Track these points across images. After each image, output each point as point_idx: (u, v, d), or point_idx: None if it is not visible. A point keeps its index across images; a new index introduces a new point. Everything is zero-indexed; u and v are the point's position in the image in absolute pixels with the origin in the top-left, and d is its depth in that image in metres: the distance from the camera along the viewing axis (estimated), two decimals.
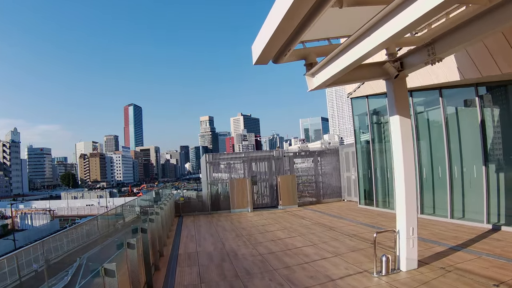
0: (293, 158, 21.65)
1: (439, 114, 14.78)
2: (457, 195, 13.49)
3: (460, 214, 13.45)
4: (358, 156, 18.70)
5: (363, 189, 18.58)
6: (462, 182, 13.37)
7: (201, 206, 20.17)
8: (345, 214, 16.50)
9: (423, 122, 15.05)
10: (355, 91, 17.74)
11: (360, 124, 18.86)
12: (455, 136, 13.57)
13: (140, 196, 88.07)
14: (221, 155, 21.91)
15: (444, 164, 13.59)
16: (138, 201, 16.07)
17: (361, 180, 18.59)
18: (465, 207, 13.40)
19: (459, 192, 13.48)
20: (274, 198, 20.93)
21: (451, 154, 13.57)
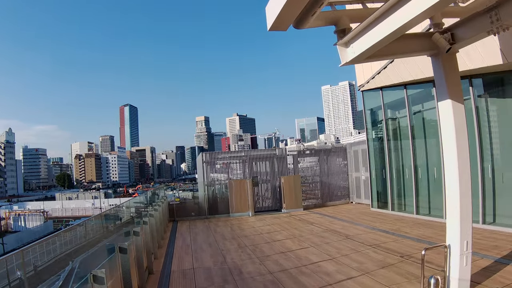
0: (297, 157, 19.92)
1: (469, 107, 13.34)
2: (489, 198, 11.87)
3: (491, 219, 11.82)
4: (371, 154, 16.99)
5: (376, 190, 16.88)
6: (493, 183, 11.78)
7: (197, 210, 18.39)
8: (358, 219, 14.80)
9: None
10: (368, 83, 16.03)
11: (373, 120, 17.15)
12: (486, 132, 11.99)
13: (135, 197, 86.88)
14: (219, 154, 20.13)
15: (475, 163, 11.92)
16: (129, 205, 14.35)
17: (373, 181, 16.89)
18: (496, 211, 11.73)
19: (491, 195, 11.86)
20: (277, 200, 19.20)
21: (483, 152, 11.94)
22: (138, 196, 15.71)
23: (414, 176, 14.44)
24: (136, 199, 18.52)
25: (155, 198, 17.84)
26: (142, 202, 17.09)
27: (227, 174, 19.50)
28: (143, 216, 10.25)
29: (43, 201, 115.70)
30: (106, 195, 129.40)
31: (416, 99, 14.68)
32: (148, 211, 11.42)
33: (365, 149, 18.40)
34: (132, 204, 15.14)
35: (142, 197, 16.66)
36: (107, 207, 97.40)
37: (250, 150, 20.19)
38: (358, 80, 17.02)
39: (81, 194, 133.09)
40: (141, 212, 12.82)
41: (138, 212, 13.80)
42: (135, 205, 15.42)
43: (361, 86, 16.77)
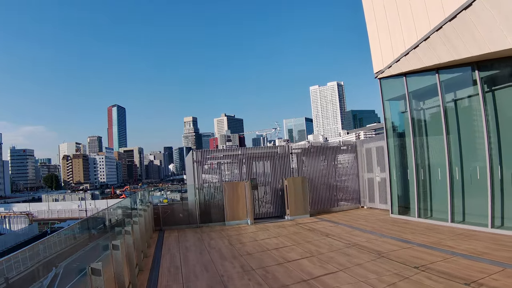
0: (301, 156, 17.38)
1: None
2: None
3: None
4: (390, 152, 14.52)
5: (396, 194, 14.43)
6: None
7: (187, 217, 15.77)
8: (381, 229, 12.34)
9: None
10: (390, 67, 13.59)
11: (393, 112, 14.72)
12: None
13: (122, 198, 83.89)
14: (212, 152, 17.42)
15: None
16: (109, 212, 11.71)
17: (394, 183, 14.44)
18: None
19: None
20: (279, 206, 16.65)
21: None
22: (121, 201, 13.51)
23: (449, 177, 12.03)
24: (122, 203, 15.81)
25: (138, 203, 15.17)
26: (127, 206, 14.40)
27: (221, 175, 16.90)
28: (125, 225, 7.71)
29: (29, 202, 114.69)
30: (93, 197, 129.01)
31: (451, 86, 12.31)
32: (125, 226, 8.82)
33: (381, 147, 16.00)
34: (112, 212, 12.47)
35: (127, 200, 14.14)
36: (93, 209, 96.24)
37: (248, 147, 17.69)
38: (375, 66, 14.58)
39: (68, 196, 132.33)
40: (123, 220, 10.29)
41: (120, 220, 11.21)
42: (115, 213, 12.75)
43: (379, 73, 14.34)
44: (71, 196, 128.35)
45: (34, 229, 70.73)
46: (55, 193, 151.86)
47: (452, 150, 12.06)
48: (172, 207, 16.44)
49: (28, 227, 71.28)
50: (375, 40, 14.54)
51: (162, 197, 48.94)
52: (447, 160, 12.05)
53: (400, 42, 13.06)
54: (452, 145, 12.07)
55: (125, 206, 13.79)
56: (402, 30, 12.98)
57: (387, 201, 15.76)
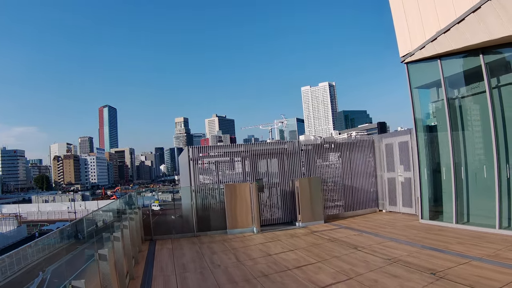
0: (313, 153, 15.27)
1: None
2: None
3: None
4: (420, 148, 12.47)
5: (427, 197, 12.39)
6: None
7: (182, 225, 13.61)
8: (417, 238, 10.32)
9: None
10: (422, 49, 11.55)
11: (423, 102, 12.69)
12: None
13: (113, 199, 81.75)
14: (211, 148, 15.16)
15: None
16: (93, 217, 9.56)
17: (425, 184, 12.38)
18: None
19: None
20: (288, 210, 14.55)
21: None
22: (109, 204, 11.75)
23: (497, 176, 10.02)
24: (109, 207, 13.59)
25: (126, 208, 12.90)
26: (114, 210, 12.19)
27: (218, 176, 14.75)
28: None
29: (19, 204, 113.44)
30: (83, 198, 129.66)
31: (498, 70, 10.32)
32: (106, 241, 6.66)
33: (404, 142, 14.01)
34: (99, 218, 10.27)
35: (116, 204, 12.05)
36: (83, 210, 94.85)
37: (252, 143, 15.69)
38: (402, 49, 12.56)
39: (58, 197, 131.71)
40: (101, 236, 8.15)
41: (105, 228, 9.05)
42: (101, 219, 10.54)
43: (407, 56, 12.32)
44: (61, 197, 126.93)
45: (22, 231, 69.61)
46: (46, 194, 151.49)
47: (500, 145, 10.06)
48: (165, 213, 14.33)
49: (17, 229, 69.98)
50: (401, 18, 12.53)
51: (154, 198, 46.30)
52: (495, 156, 10.04)
53: (434, 18, 11.06)
54: (500, 139, 10.07)
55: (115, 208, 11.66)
56: (437, 4, 10.99)
57: (412, 204, 13.81)
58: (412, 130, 13.61)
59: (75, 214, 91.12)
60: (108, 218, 10.04)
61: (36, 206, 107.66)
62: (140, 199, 14.74)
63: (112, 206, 11.80)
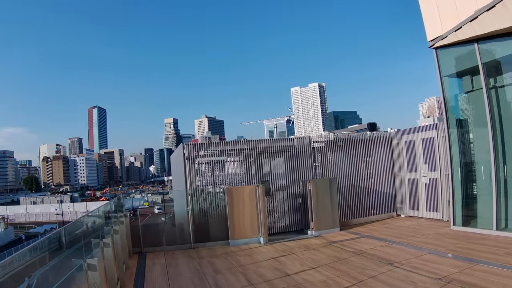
0: (325, 151, 13.56)
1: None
2: None
3: None
4: (453, 145, 10.80)
5: (461, 200, 10.75)
6: None
7: (176, 235, 11.80)
8: (460, 249, 8.64)
9: None
10: (456, 31, 9.92)
11: (456, 91, 11.07)
12: None
13: (102, 201, 79.96)
14: (211, 145, 13.17)
15: None
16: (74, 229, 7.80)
17: (458, 185, 10.73)
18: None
19: None
20: (298, 217, 12.82)
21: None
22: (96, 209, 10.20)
23: None
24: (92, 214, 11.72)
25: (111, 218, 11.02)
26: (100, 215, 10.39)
27: (220, 177, 12.98)
28: None
29: (6, 205, 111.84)
30: (72, 199, 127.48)
31: None
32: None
33: (429, 139, 12.42)
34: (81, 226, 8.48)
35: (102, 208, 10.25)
36: (72, 212, 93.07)
37: (257, 140, 13.94)
38: (430, 33, 10.93)
39: (46, 198, 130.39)
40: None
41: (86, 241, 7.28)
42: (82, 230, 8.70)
43: (437, 40, 10.69)
44: (50, 199, 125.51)
45: (9, 234, 68.65)
46: (34, 196, 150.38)
47: None
48: (157, 220, 12.55)
49: (4, 231, 68.99)
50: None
51: (143, 199, 44.39)
52: None
53: None
54: None
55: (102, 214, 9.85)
56: None
57: (438, 208, 12.20)
58: (438, 125, 12.08)
59: (62, 216, 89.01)
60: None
61: (24, 208, 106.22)
62: (129, 200, 13.04)
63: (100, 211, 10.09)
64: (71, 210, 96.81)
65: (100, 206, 10.35)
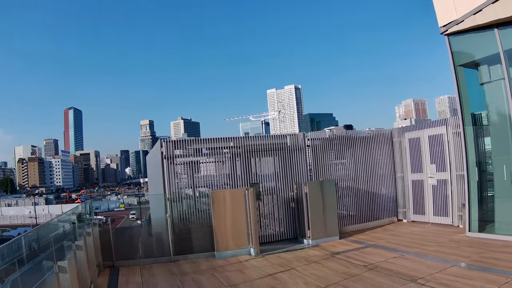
0: (321, 150, 12.21)
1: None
2: None
3: None
4: (469, 143, 9.60)
5: (477, 205, 9.56)
6: None
7: (154, 246, 10.26)
8: (487, 260, 7.39)
9: None
10: (475, 14, 8.74)
11: (472, 82, 9.88)
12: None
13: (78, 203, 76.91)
14: (193, 142, 11.61)
15: None
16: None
17: (474, 188, 9.54)
18: None
19: None
20: (292, 224, 11.42)
21: None
22: (64, 215, 8.89)
23: None
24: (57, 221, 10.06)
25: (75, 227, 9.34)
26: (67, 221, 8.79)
27: (203, 179, 11.49)
28: None
29: None
30: (47, 201, 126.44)
31: None
32: None
33: (437, 135, 11.32)
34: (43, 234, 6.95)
35: (71, 213, 8.62)
36: (46, 215, 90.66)
37: (245, 137, 12.60)
38: (442, 18, 9.76)
39: (21, 200, 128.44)
40: None
41: None
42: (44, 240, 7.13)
43: (451, 25, 9.51)
44: (25, 201, 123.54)
45: None
46: (9, 198, 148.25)
47: None
48: (131, 229, 10.95)
49: None
50: None
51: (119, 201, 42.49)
52: None
53: None
54: None
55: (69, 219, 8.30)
56: None
57: (448, 212, 11.02)
58: (448, 120, 10.93)
59: (36, 219, 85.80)
60: None
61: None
62: (105, 202, 11.35)
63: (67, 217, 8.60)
64: (45, 213, 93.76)
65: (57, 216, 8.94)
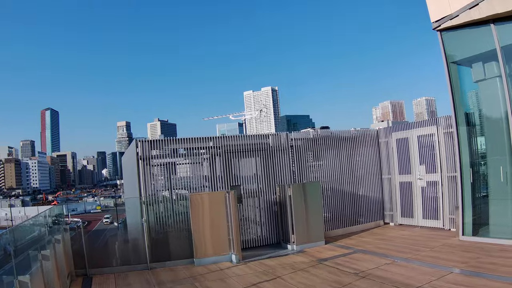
0: (305, 150, 11.63)
1: None
2: None
3: None
4: (462, 143, 9.19)
5: (471, 207, 9.15)
6: None
7: (129, 252, 9.50)
8: (484, 265, 6.99)
9: None
10: (471, 9, 8.36)
11: (465, 80, 9.49)
12: None
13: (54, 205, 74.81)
14: (170, 142, 10.75)
15: None
16: None
17: (468, 189, 9.12)
18: None
19: None
20: (275, 228, 10.82)
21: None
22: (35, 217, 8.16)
23: None
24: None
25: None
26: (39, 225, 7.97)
27: (181, 181, 10.78)
28: None
29: None
30: (23, 203, 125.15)
31: None
32: None
33: (428, 135, 10.89)
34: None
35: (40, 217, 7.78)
36: (22, 217, 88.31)
37: (225, 136, 12.04)
38: (434, 13, 9.41)
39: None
40: None
41: None
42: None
43: (444, 20, 9.11)
44: (1, 203, 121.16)
45: None
46: None
47: None
48: (106, 234, 10.28)
49: None
50: None
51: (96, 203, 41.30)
52: None
53: None
54: None
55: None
56: None
57: (439, 215, 10.61)
58: (439, 119, 10.52)
59: (12, 221, 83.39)
60: None
61: None
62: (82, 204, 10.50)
63: None
64: (21, 215, 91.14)
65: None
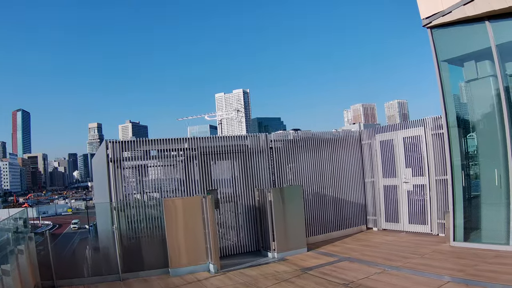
0: (284, 152, 11.01)
1: None
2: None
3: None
4: (453, 145, 8.79)
5: (462, 210, 8.74)
6: None
7: (100, 262, 8.73)
8: (481, 273, 6.59)
9: None
10: (466, 5, 8.03)
11: (457, 79, 9.15)
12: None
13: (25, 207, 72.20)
14: (142, 143, 9.94)
15: None
16: None
17: (459, 193, 8.73)
18: None
19: None
20: (254, 235, 10.19)
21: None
22: None
23: None
24: None
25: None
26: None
27: (154, 185, 10.02)
28: None
29: None
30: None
31: None
32: None
33: (415, 137, 10.50)
34: None
35: None
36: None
37: (201, 138, 11.42)
38: (425, 9, 9.10)
39: None
40: None
41: None
42: None
43: (435, 17, 8.74)
44: None
45: None
46: None
47: None
48: (74, 241, 9.46)
49: None
50: None
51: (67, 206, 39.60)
52: None
53: None
54: None
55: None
56: None
57: (427, 220, 10.26)
58: (427, 120, 10.12)
59: None
60: None
61: None
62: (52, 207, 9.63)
63: None
64: None
65: None
